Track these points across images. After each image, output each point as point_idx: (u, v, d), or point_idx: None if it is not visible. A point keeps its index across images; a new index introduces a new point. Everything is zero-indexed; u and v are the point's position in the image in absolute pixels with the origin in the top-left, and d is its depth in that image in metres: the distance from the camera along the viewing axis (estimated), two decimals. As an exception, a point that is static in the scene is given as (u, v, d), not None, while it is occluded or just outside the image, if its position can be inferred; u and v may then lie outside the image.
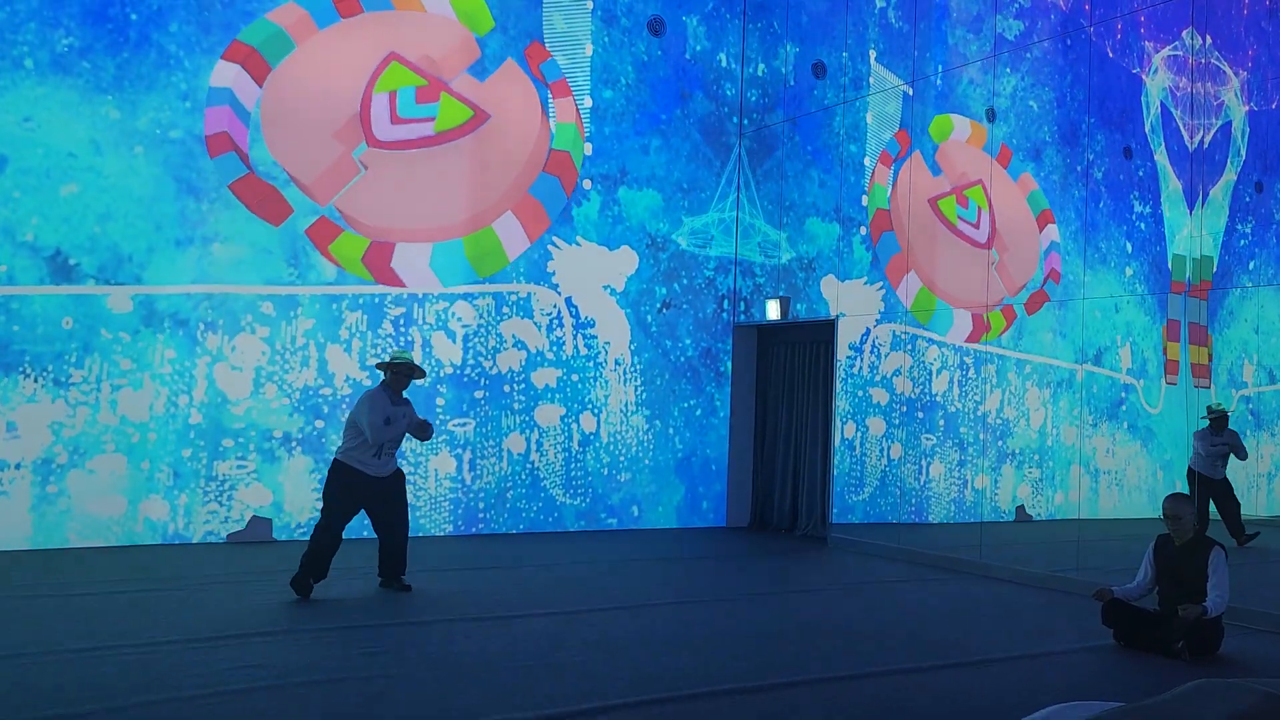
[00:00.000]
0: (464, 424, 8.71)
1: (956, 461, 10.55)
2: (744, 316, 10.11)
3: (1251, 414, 10.28)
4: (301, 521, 7.94)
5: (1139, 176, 11.62)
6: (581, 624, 5.52)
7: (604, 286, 9.35)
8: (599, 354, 9.35)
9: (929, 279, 10.52)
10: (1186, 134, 11.79)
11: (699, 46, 9.75)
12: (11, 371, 7.10)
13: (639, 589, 6.61)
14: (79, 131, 7.24)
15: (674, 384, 9.80)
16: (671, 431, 9.79)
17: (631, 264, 9.43)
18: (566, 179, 9.17)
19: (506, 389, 8.91)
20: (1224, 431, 8.87)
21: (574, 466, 9.26)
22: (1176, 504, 5.27)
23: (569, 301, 9.17)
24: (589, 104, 9.25)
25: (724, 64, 9.93)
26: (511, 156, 8.92)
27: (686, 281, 9.84)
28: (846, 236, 10.14)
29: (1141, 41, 11.63)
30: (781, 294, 9.90)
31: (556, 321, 9.11)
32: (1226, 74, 11.79)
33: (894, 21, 10.47)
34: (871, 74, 10.31)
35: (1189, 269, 11.67)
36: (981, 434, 10.63)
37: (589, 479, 9.34)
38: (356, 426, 6.00)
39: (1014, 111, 11.07)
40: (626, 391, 9.48)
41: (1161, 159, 11.75)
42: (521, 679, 4.42)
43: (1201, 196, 11.64)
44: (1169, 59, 11.76)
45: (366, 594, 6.12)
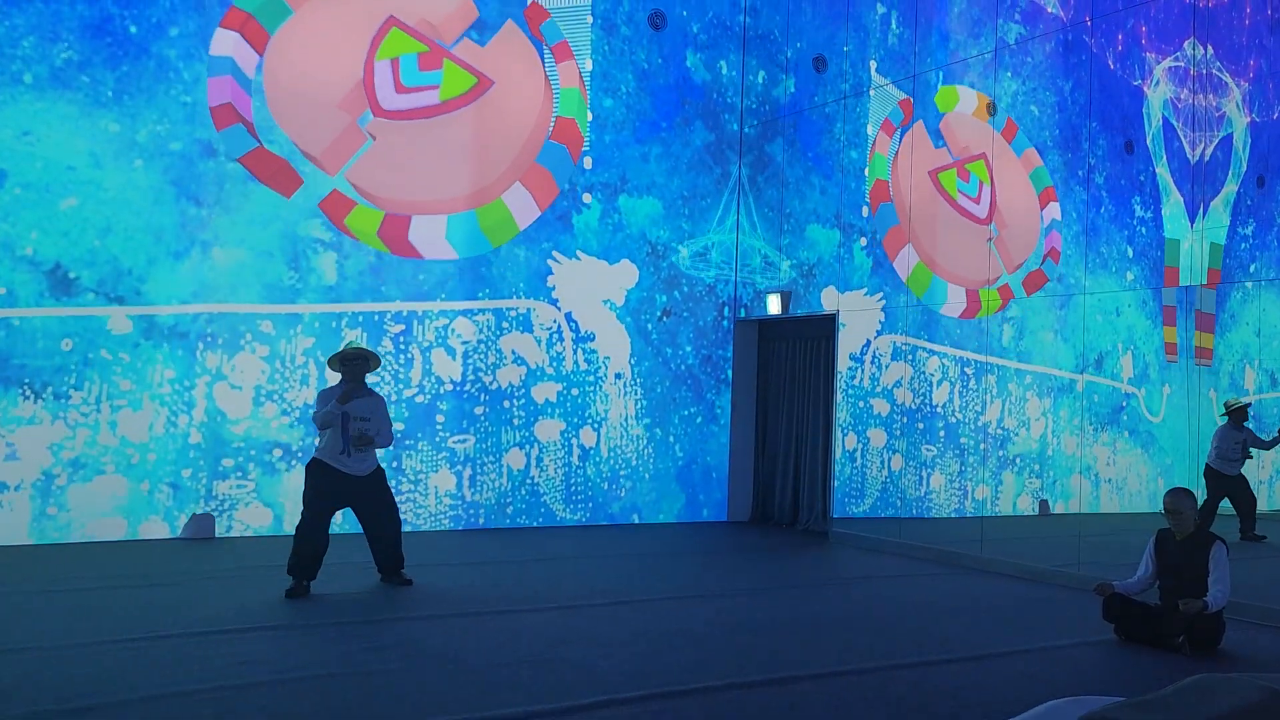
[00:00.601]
0: (464, 440, 8.73)
1: (957, 472, 10.54)
2: (744, 312, 10.13)
3: (1252, 416, 10.25)
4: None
5: (1140, 180, 11.69)
6: (582, 619, 5.51)
7: (604, 301, 9.40)
8: (599, 368, 9.37)
9: (926, 253, 10.47)
10: (1188, 146, 11.85)
11: (699, 56, 9.82)
12: (11, 391, 7.12)
13: (640, 584, 6.61)
14: (78, 145, 7.29)
15: (674, 391, 9.82)
16: (672, 439, 9.81)
17: (632, 277, 9.48)
18: (573, 146, 9.19)
19: (506, 404, 8.94)
20: (1243, 426, 8.85)
21: (574, 480, 9.27)
22: (1177, 499, 5.27)
23: (569, 316, 9.21)
24: (589, 66, 9.27)
25: (724, 71, 9.98)
26: (517, 125, 8.94)
27: (687, 289, 9.90)
28: (847, 243, 10.20)
29: (1143, 53, 11.71)
30: (782, 288, 9.94)
31: (556, 336, 9.14)
32: (1228, 85, 11.87)
33: (894, 27, 10.59)
34: (873, 85, 10.41)
35: (1192, 259, 11.66)
36: (982, 444, 10.62)
37: (589, 491, 9.34)
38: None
39: (1014, 114, 11.15)
40: (626, 405, 9.50)
41: (1163, 171, 11.81)
42: (523, 674, 4.42)
43: (1203, 209, 11.70)
44: (1170, 70, 11.84)
45: (366, 589, 6.11)
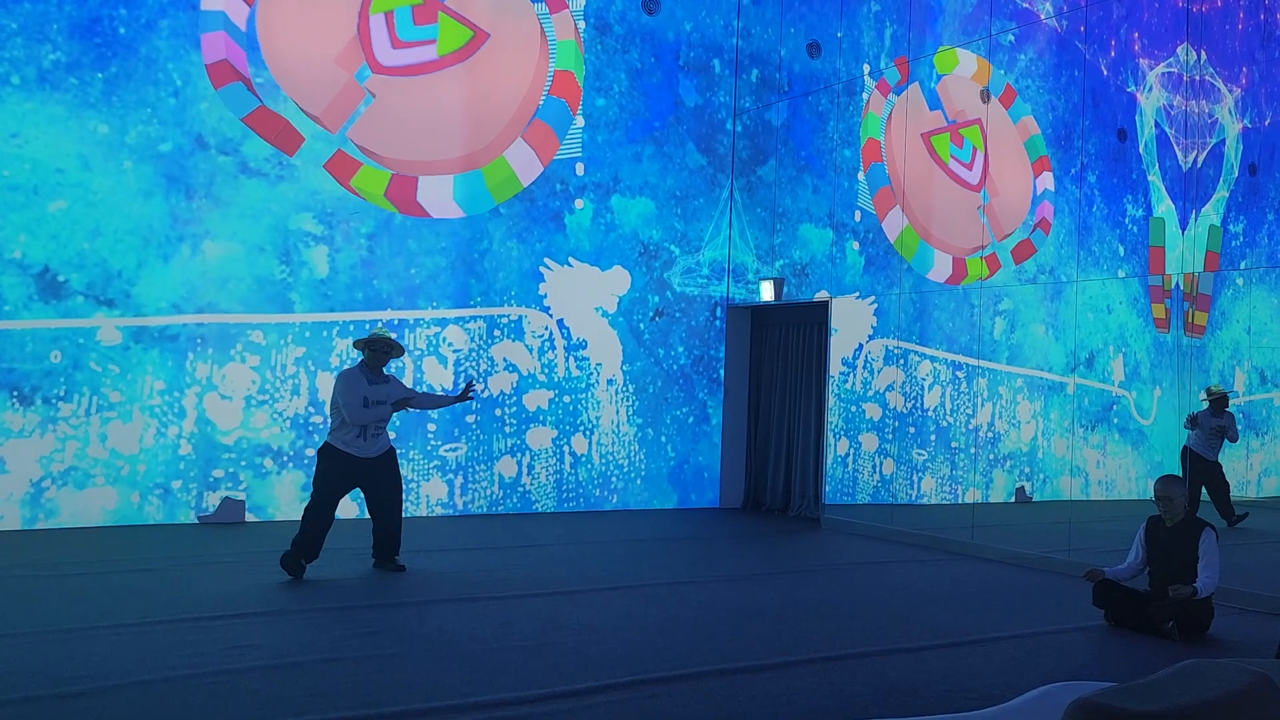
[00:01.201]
0: (455, 448, 8.73)
1: (947, 475, 10.57)
2: (741, 297, 10.16)
3: (1243, 415, 10.33)
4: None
5: (1133, 178, 11.78)
6: (576, 605, 5.52)
7: (595, 308, 9.41)
8: (591, 375, 9.39)
9: (915, 217, 10.45)
10: (1180, 153, 11.95)
11: (692, 54, 9.87)
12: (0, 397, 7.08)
13: (632, 570, 6.61)
14: (67, 147, 7.25)
15: (666, 391, 9.83)
16: (664, 439, 9.82)
17: (624, 284, 9.51)
18: (571, 99, 9.19)
19: (498, 412, 8.94)
20: (1223, 413, 8.96)
21: (565, 487, 9.28)
22: (1168, 485, 5.30)
23: (560, 323, 9.23)
24: (583, 26, 9.28)
25: (717, 70, 10.04)
26: (515, 80, 8.94)
27: (679, 290, 9.93)
28: (840, 242, 10.25)
29: (1136, 59, 11.80)
30: (776, 275, 9.95)
31: (548, 343, 9.16)
32: (1220, 91, 11.99)
33: (888, 24, 10.68)
34: (867, 91, 10.49)
35: (1192, 245, 11.70)
36: (973, 448, 10.66)
37: (580, 495, 9.36)
38: (337, 408, 5.98)
39: (1015, 82, 11.20)
40: (618, 412, 9.51)
41: (1155, 179, 11.91)
42: (516, 659, 4.41)
43: (1195, 214, 11.78)
44: (1164, 76, 11.94)
45: (360, 575, 6.10)
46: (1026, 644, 5.01)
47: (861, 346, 10.24)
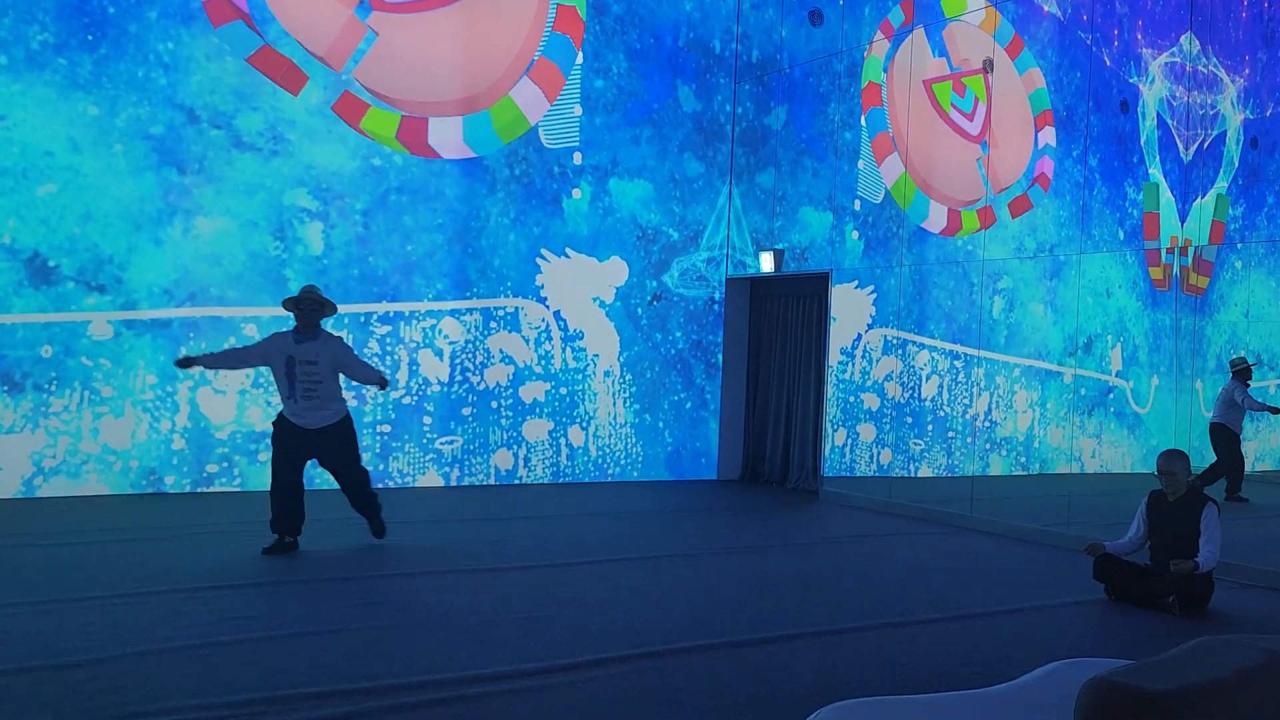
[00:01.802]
0: (451, 441, 8.68)
1: (944, 467, 10.55)
2: (742, 269, 10.09)
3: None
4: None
5: (1133, 161, 11.75)
6: (574, 577, 5.48)
7: (593, 298, 9.35)
8: (588, 366, 9.33)
9: (912, 165, 10.31)
10: (1182, 145, 11.93)
11: (691, 34, 9.80)
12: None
13: (630, 542, 6.58)
14: (56, 129, 7.15)
15: (664, 377, 9.79)
16: (661, 425, 9.78)
17: (621, 275, 9.45)
18: (575, 35, 9.10)
19: (494, 405, 8.89)
20: (1246, 384, 9.03)
21: (562, 479, 9.24)
22: (1170, 460, 5.27)
23: (557, 315, 9.17)
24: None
25: (717, 50, 9.98)
26: (517, 17, 8.84)
27: (678, 274, 9.88)
28: (839, 225, 10.21)
29: (1139, 49, 11.76)
30: (776, 246, 9.90)
31: (545, 335, 9.10)
32: (1223, 81, 11.96)
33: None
34: (861, 158, 10.41)
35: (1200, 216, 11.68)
36: (969, 438, 10.64)
37: (575, 476, 9.32)
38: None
39: (1022, 32, 11.12)
40: (615, 404, 9.46)
41: (1155, 172, 11.89)
42: (515, 632, 4.37)
43: (1201, 194, 11.74)
44: (1166, 66, 11.90)
45: (356, 546, 6.05)
46: (1026, 618, 4.99)
47: (860, 336, 10.20)
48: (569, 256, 9.19)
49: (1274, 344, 9.97)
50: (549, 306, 9.13)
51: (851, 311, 10.02)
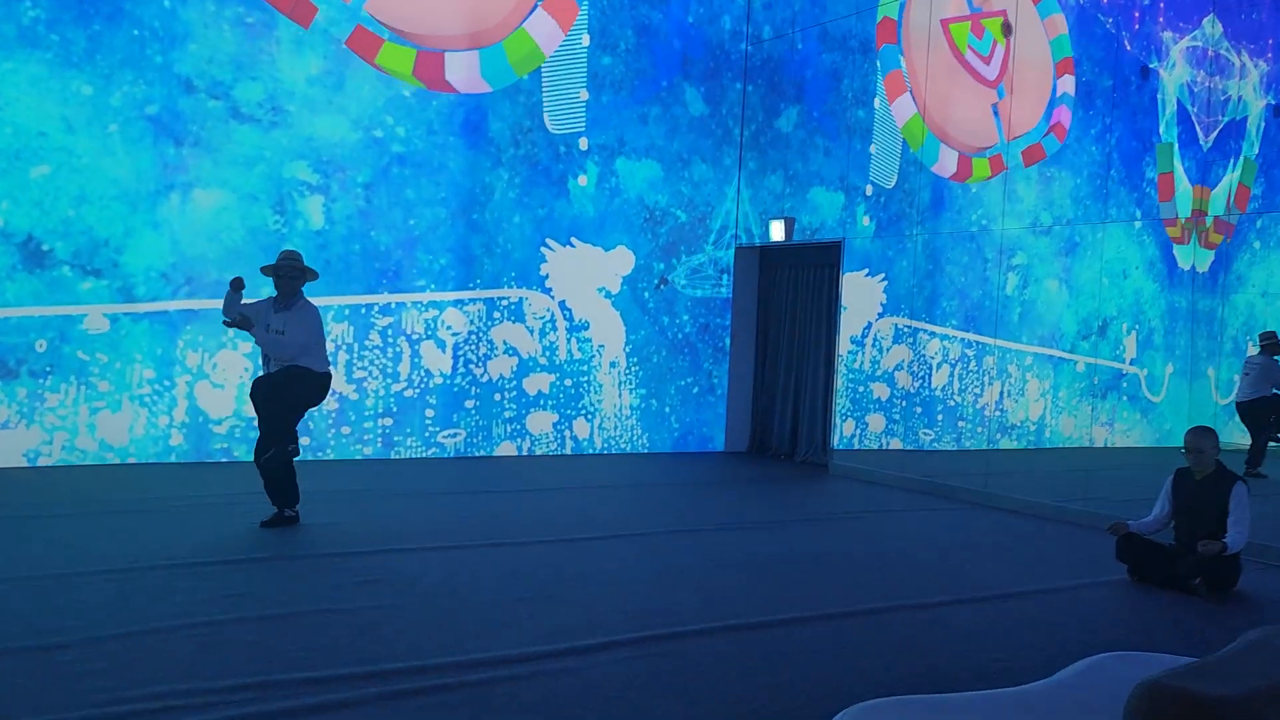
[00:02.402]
0: (454, 435, 8.53)
1: (955, 455, 10.39)
2: (746, 238, 9.89)
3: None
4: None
5: (1153, 141, 11.54)
6: (579, 553, 5.34)
7: (598, 288, 9.17)
8: (593, 357, 9.16)
9: (924, 106, 10.07)
10: (1201, 132, 11.72)
11: (701, 9, 9.59)
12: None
13: (636, 516, 6.44)
14: (49, 109, 6.97)
15: (671, 361, 9.62)
16: (668, 410, 9.62)
17: (627, 264, 9.27)
18: None
19: (497, 397, 8.73)
20: (1274, 359, 8.99)
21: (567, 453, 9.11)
22: (1198, 437, 5.09)
23: (562, 305, 9.00)
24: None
25: (728, 25, 9.76)
26: None
27: (685, 257, 9.69)
28: (850, 206, 10.01)
29: (1159, 32, 11.52)
30: (786, 215, 9.71)
31: (550, 325, 8.93)
32: (1245, 67, 11.74)
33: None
34: (877, 96, 10.19)
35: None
36: (979, 428, 10.48)
37: (582, 459, 9.15)
38: None
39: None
40: (621, 395, 9.30)
41: (1175, 162, 11.67)
42: (521, 612, 4.22)
43: (1227, 171, 11.51)
44: (1188, 50, 11.67)
45: (357, 519, 5.90)
46: (1049, 600, 4.83)
47: (870, 325, 10.02)
48: (574, 246, 9.01)
49: None
50: (554, 297, 8.96)
51: (862, 300, 9.83)
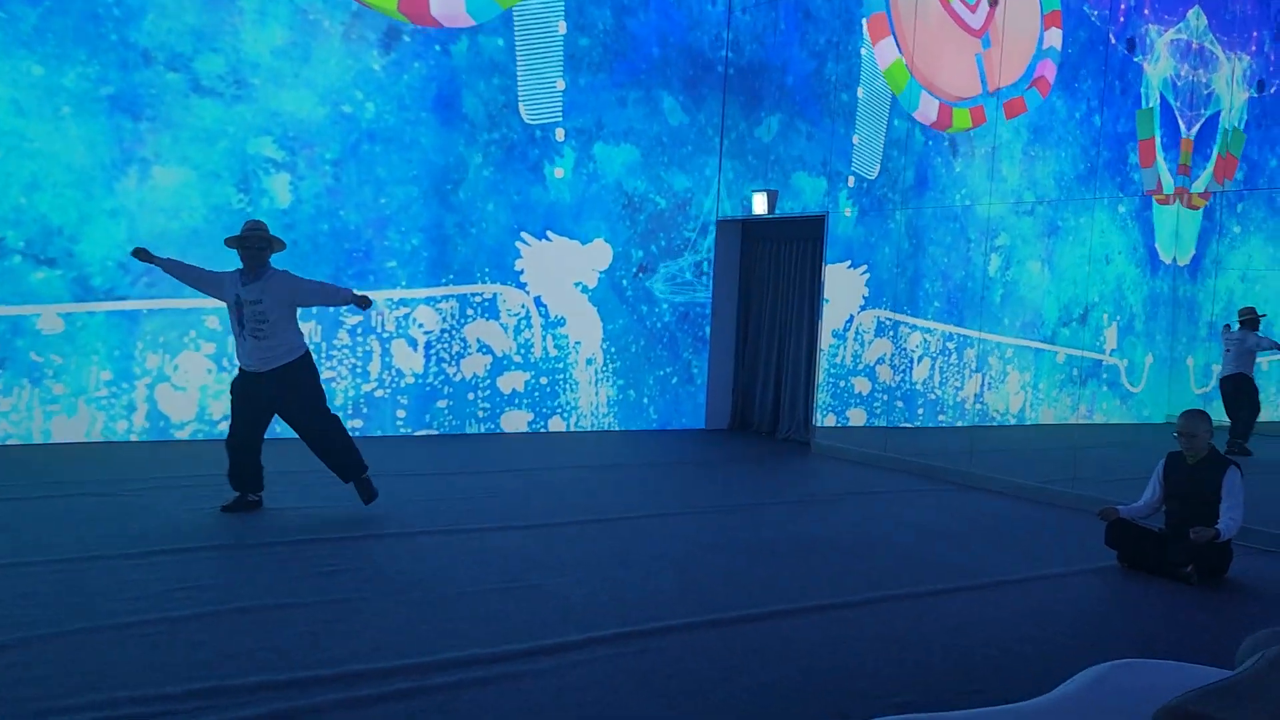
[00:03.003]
0: (426, 435, 8.28)
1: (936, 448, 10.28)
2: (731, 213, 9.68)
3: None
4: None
5: (1133, 128, 11.50)
6: (556, 539, 5.13)
7: (575, 283, 8.95)
8: (569, 354, 8.95)
9: (907, 50, 9.88)
10: (1183, 124, 11.71)
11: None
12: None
13: (613, 499, 6.23)
14: None
15: (649, 350, 9.42)
16: (646, 401, 9.43)
17: (605, 258, 9.05)
18: None
19: (471, 396, 8.50)
20: (1253, 335, 9.00)
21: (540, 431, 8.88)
22: (1192, 421, 4.97)
23: (538, 301, 8.77)
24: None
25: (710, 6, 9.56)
26: None
27: (665, 243, 9.47)
28: (833, 192, 9.85)
29: (1145, 24, 11.46)
30: (769, 187, 9.50)
31: (525, 322, 8.71)
32: (1226, 60, 11.72)
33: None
34: (863, 44, 10.01)
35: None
36: (959, 422, 10.39)
37: (558, 436, 8.94)
38: None
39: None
40: (598, 393, 9.10)
41: (1155, 128, 11.63)
42: (493, 605, 4.00)
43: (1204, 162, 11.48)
44: (1172, 43, 11.61)
45: (322, 503, 5.63)
46: (1040, 588, 4.70)
47: (853, 318, 9.88)
48: (550, 239, 8.77)
49: (1272, 308, 9.70)
50: (529, 292, 8.73)
51: (844, 292, 9.68)
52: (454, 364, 8.41)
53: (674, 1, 9.28)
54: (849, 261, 9.79)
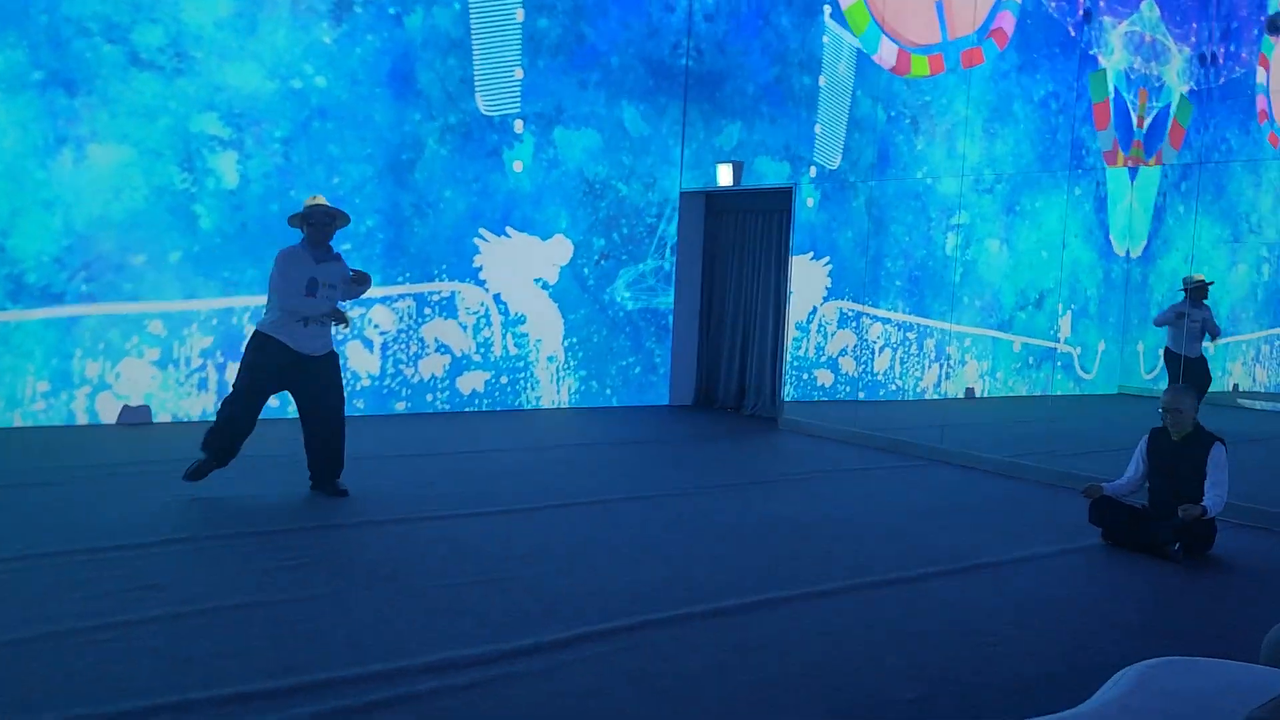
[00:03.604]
0: (381, 415, 7.96)
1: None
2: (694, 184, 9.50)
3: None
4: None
5: (1090, 123, 11.64)
6: (530, 525, 4.91)
7: (535, 280, 8.70)
8: (530, 352, 8.72)
9: None
10: (1135, 116, 11.90)
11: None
12: None
13: (585, 481, 6.02)
14: None
15: (611, 340, 9.22)
16: (609, 392, 9.23)
17: (565, 253, 8.82)
18: None
19: (429, 398, 8.21)
20: (1202, 305, 8.65)
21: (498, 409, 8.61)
22: (1176, 397, 4.95)
23: (497, 298, 8.51)
24: None
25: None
26: None
27: (627, 231, 9.25)
28: (795, 177, 9.74)
29: (1100, 16, 11.58)
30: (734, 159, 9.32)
31: (484, 320, 8.44)
32: (1173, 51, 11.91)
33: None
34: (825, 32, 9.92)
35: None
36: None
37: (518, 414, 8.69)
38: (273, 295, 5.12)
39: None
40: (559, 392, 8.89)
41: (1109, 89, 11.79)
42: (472, 599, 3.77)
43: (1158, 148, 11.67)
44: (1126, 35, 11.77)
45: (284, 490, 5.30)
46: (1029, 569, 4.62)
47: (816, 310, 9.81)
48: (509, 236, 8.51)
49: (1215, 289, 9.78)
50: (488, 290, 8.46)
51: (807, 284, 9.60)
52: (411, 365, 8.13)
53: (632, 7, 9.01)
54: (811, 253, 9.72)
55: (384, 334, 7.96)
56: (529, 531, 4.76)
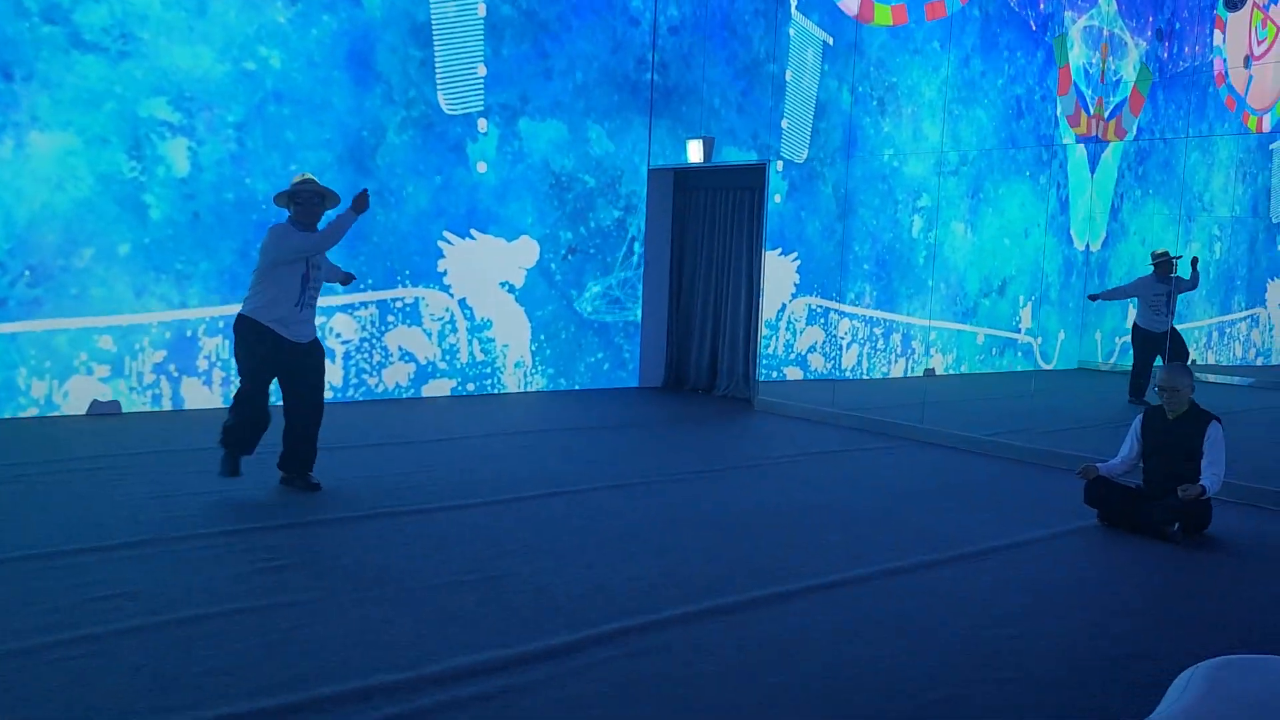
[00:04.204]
0: (343, 401, 7.66)
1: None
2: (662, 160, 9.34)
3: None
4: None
5: (1053, 117, 11.75)
6: (514, 518, 4.70)
7: (501, 283, 8.46)
8: (497, 358, 8.49)
9: None
10: (1092, 107, 12.05)
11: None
12: None
13: (563, 469, 5.82)
14: None
15: (580, 337, 9.01)
16: (578, 388, 9.01)
17: (531, 255, 8.59)
18: None
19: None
20: (1168, 279, 8.58)
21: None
22: (1173, 375, 4.93)
23: (462, 303, 8.26)
24: None
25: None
26: None
27: (594, 225, 9.04)
28: (765, 157, 9.63)
29: (1063, 10, 11.67)
30: (705, 135, 9.13)
31: (449, 327, 8.19)
32: (1130, 44, 12.07)
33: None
34: (792, 24, 9.82)
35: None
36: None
37: (486, 399, 8.45)
38: (266, 273, 4.88)
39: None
40: (527, 397, 8.65)
41: (1069, 140, 11.96)
42: (463, 602, 3.55)
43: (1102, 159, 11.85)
44: (1085, 30, 11.89)
45: (259, 484, 5.02)
46: (1027, 554, 4.55)
47: (785, 306, 9.71)
48: (474, 238, 8.25)
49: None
50: (453, 295, 8.20)
51: (775, 281, 9.50)
52: (375, 374, 7.85)
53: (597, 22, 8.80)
54: (780, 249, 9.62)
55: (346, 343, 7.67)
56: (514, 525, 4.56)
